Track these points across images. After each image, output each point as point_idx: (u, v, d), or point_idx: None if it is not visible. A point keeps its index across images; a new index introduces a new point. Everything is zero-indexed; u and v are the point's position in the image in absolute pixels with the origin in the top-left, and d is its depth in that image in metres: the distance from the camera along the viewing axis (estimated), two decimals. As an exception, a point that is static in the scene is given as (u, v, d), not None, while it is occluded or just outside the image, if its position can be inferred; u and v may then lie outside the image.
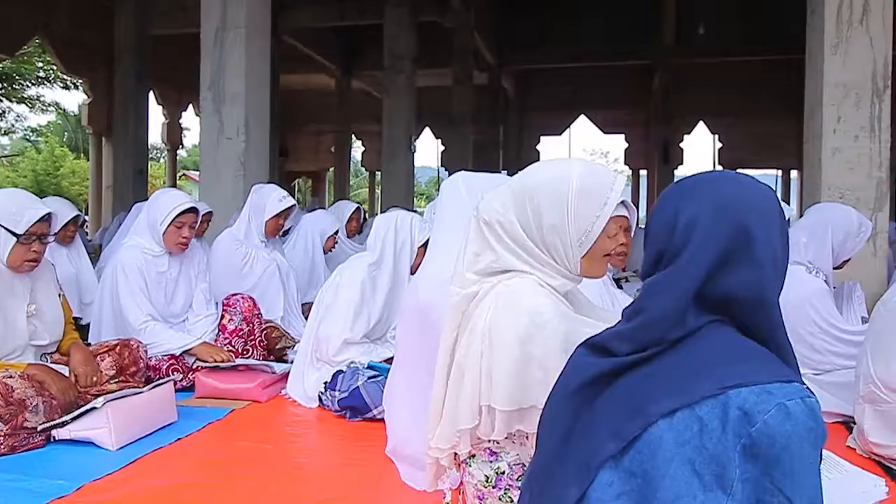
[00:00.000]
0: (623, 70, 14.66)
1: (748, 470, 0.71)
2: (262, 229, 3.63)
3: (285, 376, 2.84)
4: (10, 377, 2.18)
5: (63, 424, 2.18)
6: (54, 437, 2.18)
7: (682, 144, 15.46)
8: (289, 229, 5.00)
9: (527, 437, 1.32)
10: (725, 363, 0.77)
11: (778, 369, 0.77)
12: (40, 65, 21.26)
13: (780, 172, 16.79)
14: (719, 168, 15.91)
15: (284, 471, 2.04)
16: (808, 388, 0.76)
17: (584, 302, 1.54)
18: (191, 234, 3.02)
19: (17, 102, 24.59)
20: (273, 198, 3.63)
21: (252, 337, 3.19)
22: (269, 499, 1.82)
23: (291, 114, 17.09)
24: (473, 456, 1.39)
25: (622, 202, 2.24)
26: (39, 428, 2.16)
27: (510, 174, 2.02)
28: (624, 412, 0.81)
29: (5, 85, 22.70)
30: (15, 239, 2.30)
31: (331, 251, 4.56)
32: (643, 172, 17.21)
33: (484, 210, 1.36)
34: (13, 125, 27.63)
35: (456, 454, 1.44)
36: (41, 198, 2.60)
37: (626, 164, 17.74)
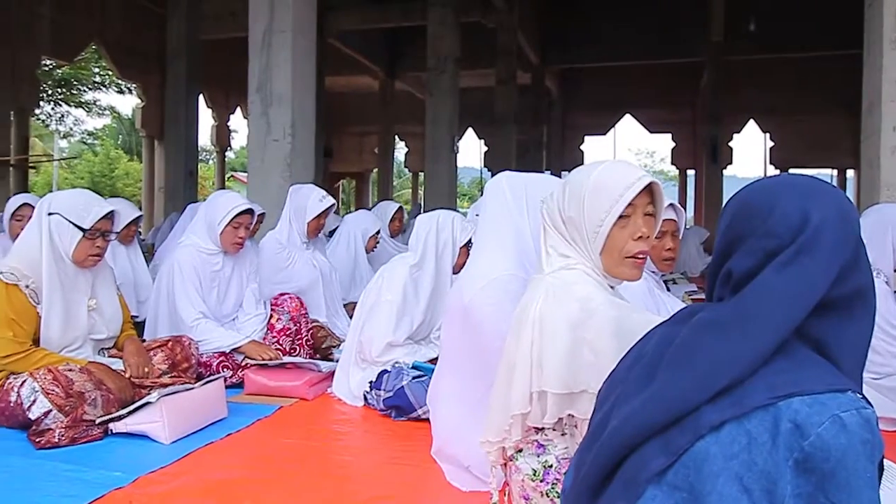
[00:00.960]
0: (670, 68, 14.39)
1: (801, 485, 0.69)
2: (303, 231, 3.68)
3: (331, 375, 2.89)
4: (71, 370, 2.28)
5: (120, 418, 2.25)
6: (111, 430, 2.25)
7: (731, 143, 15.08)
8: (334, 230, 5.07)
9: (576, 426, 1.32)
10: (777, 370, 0.75)
11: (831, 378, 0.74)
12: (96, 70, 22.07)
13: (835, 172, 16.22)
14: (771, 168, 15.47)
15: (331, 468, 2.07)
16: (863, 397, 0.73)
17: (631, 303, 1.53)
18: (246, 234, 3.10)
19: (75, 107, 25.59)
20: (312, 199, 3.67)
21: (299, 336, 3.25)
22: (316, 496, 1.85)
23: (336, 115, 17.31)
24: (521, 450, 1.40)
25: (671, 205, 2.22)
26: (98, 421, 2.24)
27: (554, 174, 1.98)
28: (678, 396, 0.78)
29: (64, 90, 23.64)
30: (80, 234, 2.40)
31: (373, 251, 4.61)
32: (690, 172, 16.87)
33: (546, 200, 1.44)
34: (71, 129, 28.75)
35: (503, 450, 1.45)
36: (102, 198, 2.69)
37: (672, 163, 17.41)
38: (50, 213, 2.42)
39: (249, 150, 5.28)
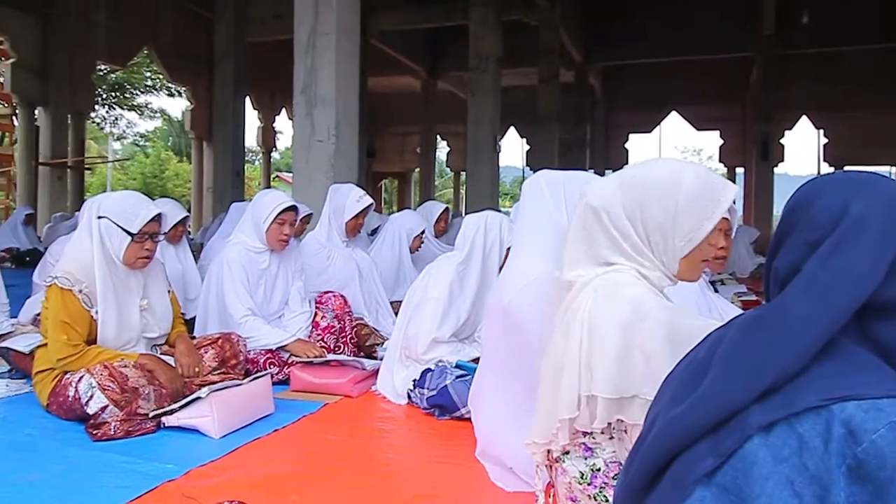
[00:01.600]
0: (718, 63, 14.05)
1: (856, 493, 0.66)
2: (342, 230, 3.73)
3: (375, 373, 2.91)
4: (125, 366, 2.35)
5: (171, 412, 2.31)
6: (164, 424, 2.31)
7: (782, 140, 14.64)
8: (377, 228, 5.11)
9: (625, 431, 1.29)
10: (834, 372, 0.72)
11: (890, 382, 0.71)
12: (148, 74, 22.79)
13: (893, 170, 15.59)
14: (825, 165, 14.95)
15: (375, 466, 2.08)
16: None
17: (680, 304, 1.49)
18: (291, 231, 3.15)
19: (128, 110, 26.48)
20: (351, 198, 3.73)
21: (343, 334, 3.28)
22: (361, 493, 1.86)
23: (378, 116, 17.46)
24: (567, 452, 1.38)
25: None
26: (151, 414, 2.30)
27: (597, 173, 1.95)
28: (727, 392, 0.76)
29: (117, 94, 24.47)
30: (130, 237, 2.47)
31: (417, 251, 4.63)
32: (739, 170, 16.45)
33: (592, 196, 1.36)
34: (124, 131, 29.78)
35: (549, 452, 1.43)
36: (151, 199, 2.77)
37: (720, 161, 17.01)
38: (99, 217, 2.48)
39: (294, 150, 5.36)
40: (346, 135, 5.17)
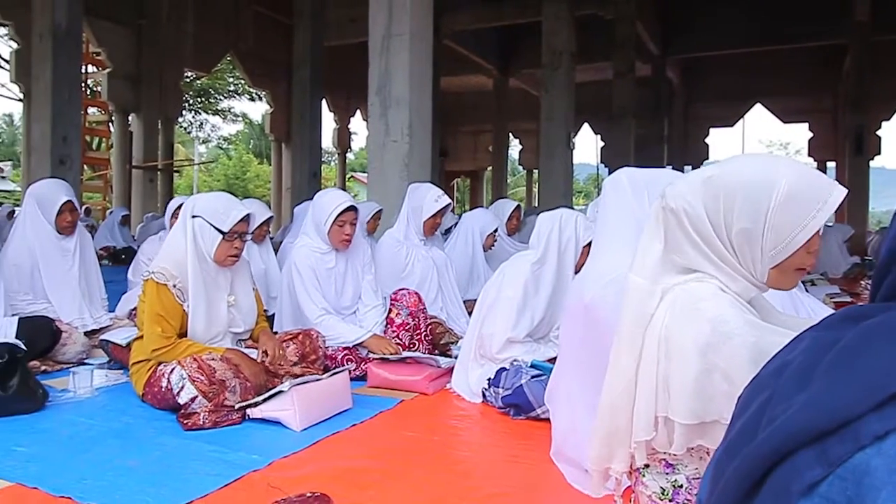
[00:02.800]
0: (807, 52, 13.33)
1: None
2: (420, 228, 3.77)
3: (450, 370, 2.93)
4: (213, 359, 2.46)
5: (255, 404, 2.41)
6: (248, 416, 2.41)
7: (878, 132, 13.74)
8: (450, 228, 5.14)
9: (708, 452, 1.24)
10: None
11: None
12: (231, 80, 23.76)
13: None
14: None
15: (450, 463, 2.10)
16: None
17: (768, 307, 1.41)
18: (352, 230, 3.19)
19: (212, 114, 27.71)
20: (429, 198, 3.75)
21: (418, 331, 3.32)
22: (437, 489, 1.88)
23: (450, 115, 17.53)
24: (647, 465, 1.33)
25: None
26: (237, 406, 2.40)
27: (675, 169, 1.87)
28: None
29: (203, 99, 25.65)
30: (220, 236, 2.59)
31: (490, 249, 4.63)
32: (830, 164, 15.56)
33: (671, 196, 1.26)
34: (209, 135, 31.23)
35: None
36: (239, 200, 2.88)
37: (809, 155, 16.14)
38: (193, 216, 2.62)
39: (369, 150, 5.46)
40: (420, 134, 5.22)
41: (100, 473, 1.90)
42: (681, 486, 1.28)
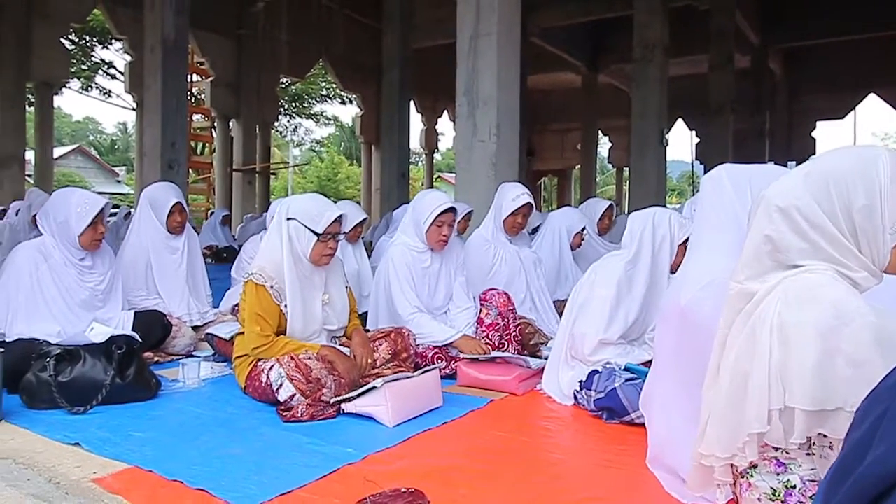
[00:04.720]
0: (927, 36, 12.26)
1: None
2: (501, 228, 3.77)
3: (540, 371, 2.90)
4: (309, 358, 2.55)
5: (349, 400, 2.48)
6: (343, 410, 2.48)
7: None
8: (537, 227, 5.09)
9: (830, 447, 1.17)
10: None
11: None
12: (323, 84, 24.58)
13: None
14: None
15: (541, 465, 2.07)
16: None
17: (880, 309, 1.33)
18: (450, 231, 3.24)
19: (306, 118, 28.76)
20: (508, 197, 3.75)
21: (507, 331, 3.31)
22: (529, 490, 1.87)
23: (537, 113, 17.36)
24: (755, 466, 1.28)
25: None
26: (332, 401, 2.48)
27: (778, 164, 1.77)
28: None
29: (297, 104, 26.68)
30: (315, 237, 2.68)
31: (578, 248, 4.55)
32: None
33: (776, 196, 1.27)
34: (303, 138, 32.46)
35: (732, 465, 1.33)
36: (333, 202, 2.97)
37: (929, 147, 14.88)
38: (288, 219, 2.72)
39: (457, 151, 5.49)
40: (507, 134, 5.20)
41: (207, 460, 2.02)
42: (794, 487, 1.22)
